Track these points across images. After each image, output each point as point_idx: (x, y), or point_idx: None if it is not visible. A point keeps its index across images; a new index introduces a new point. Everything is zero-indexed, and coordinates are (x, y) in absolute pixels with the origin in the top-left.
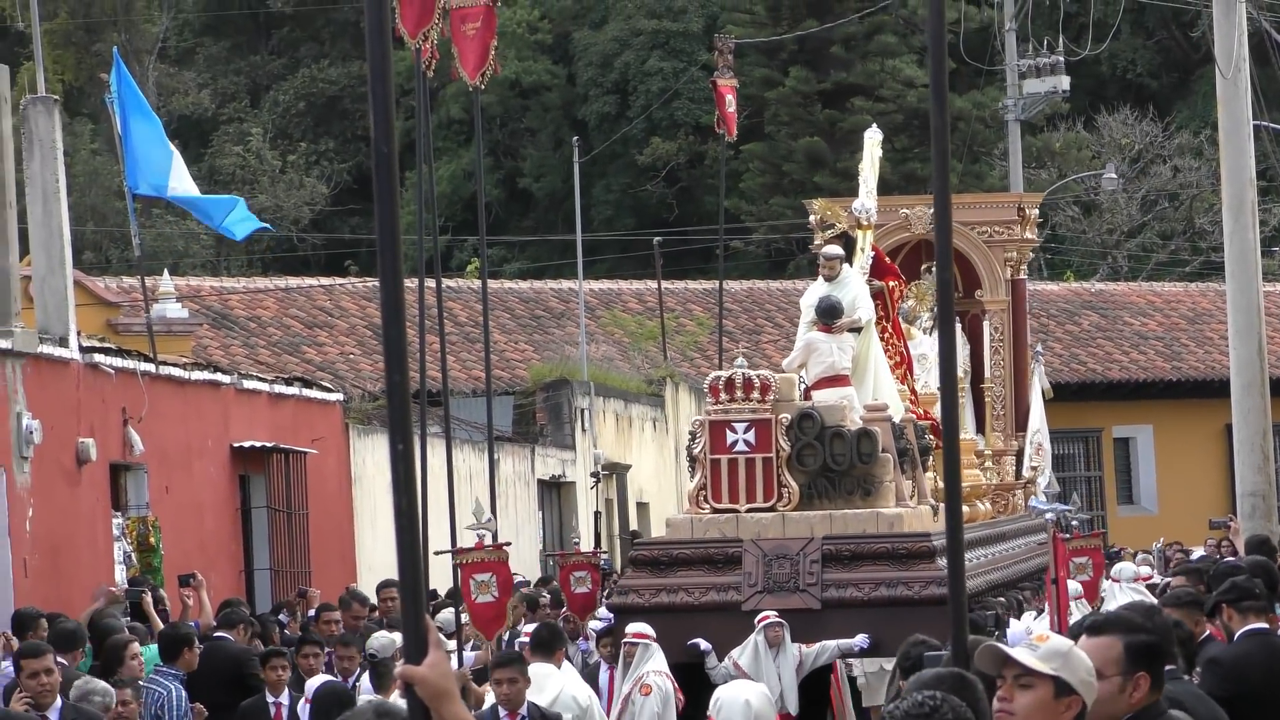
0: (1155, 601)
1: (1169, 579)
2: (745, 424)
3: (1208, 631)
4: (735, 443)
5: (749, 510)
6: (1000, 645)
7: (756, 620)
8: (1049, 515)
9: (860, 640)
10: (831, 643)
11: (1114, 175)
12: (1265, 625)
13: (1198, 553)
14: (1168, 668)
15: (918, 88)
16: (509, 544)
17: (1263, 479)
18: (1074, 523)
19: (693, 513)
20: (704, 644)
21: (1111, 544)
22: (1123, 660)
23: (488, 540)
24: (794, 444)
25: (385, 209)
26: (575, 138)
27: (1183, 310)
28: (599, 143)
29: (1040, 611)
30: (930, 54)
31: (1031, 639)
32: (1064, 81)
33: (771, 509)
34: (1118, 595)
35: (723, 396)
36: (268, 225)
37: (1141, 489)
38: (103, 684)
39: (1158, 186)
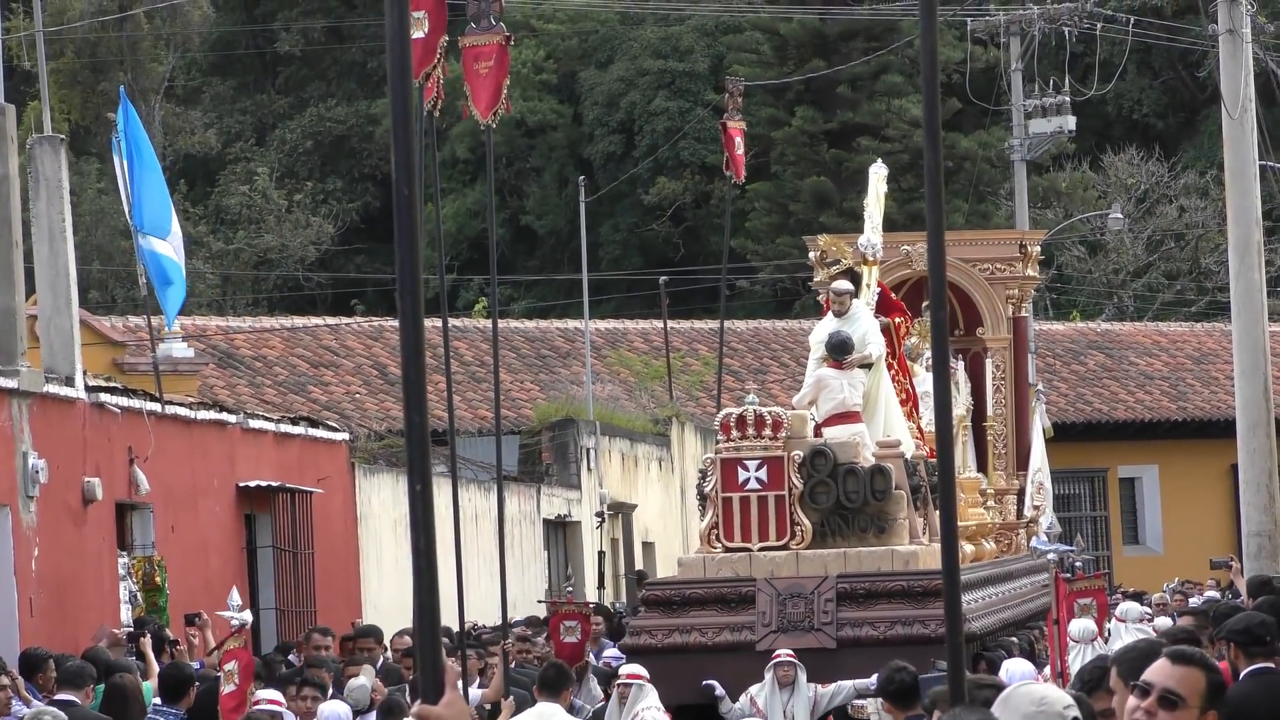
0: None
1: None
2: (757, 461)
3: None
4: (747, 480)
5: (762, 549)
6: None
7: (771, 659)
8: (1050, 556)
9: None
10: (848, 683)
11: (1120, 215)
12: (1271, 665)
13: (1209, 593)
14: None
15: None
16: (246, 623)
17: (1268, 519)
18: (1077, 564)
19: (705, 552)
20: (718, 689)
21: (1118, 584)
22: (1204, 695)
23: (236, 620)
24: (807, 481)
25: (406, 251)
26: (581, 177)
27: (1188, 350)
28: (605, 182)
29: (1032, 655)
30: (924, 92)
31: None
32: (1070, 121)
33: (784, 547)
34: (1124, 635)
35: (734, 434)
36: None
37: (1147, 529)
38: None
39: (1164, 226)
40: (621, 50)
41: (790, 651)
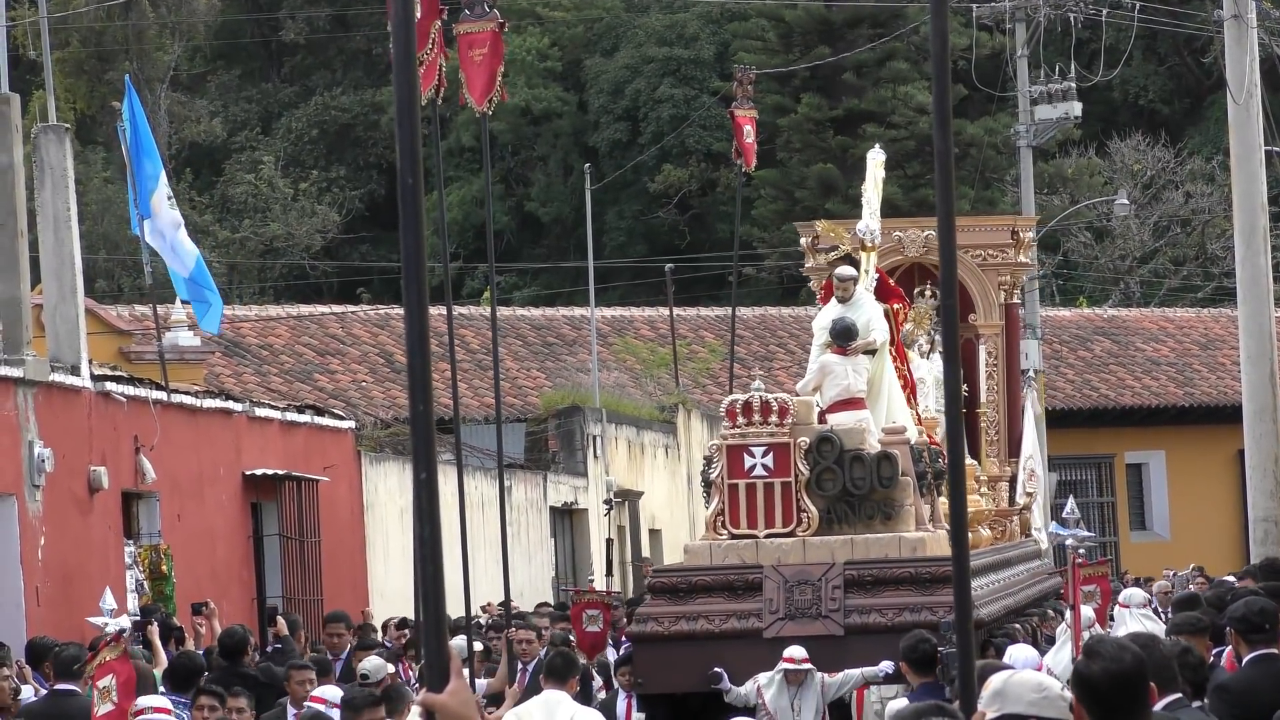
0: (1162, 628)
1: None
2: (764, 448)
3: (1223, 653)
4: (754, 467)
5: (768, 536)
6: (946, 705)
7: (781, 659)
8: (1069, 541)
9: (885, 666)
10: (855, 671)
11: (1126, 201)
12: (1273, 650)
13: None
14: (1175, 695)
15: (929, 114)
16: (124, 630)
17: (1275, 504)
18: (1081, 550)
19: (711, 539)
20: (724, 677)
21: (1124, 569)
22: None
23: (112, 626)
24: (813, 468)
25: (410, 239)
26: (587, 165)
27: (1195, 336)
28: (610, 170)
29: (1034, 642)
30: (934, 78)
31: None
32: (1076, 107)
33: (791, 534)
34: (1128, 621)
35: (740, 420)
36: (221, 333)
37: (1154, 515)
38: None
39: (1170, 212)
40: (626, 38)
41: (804, 654)
